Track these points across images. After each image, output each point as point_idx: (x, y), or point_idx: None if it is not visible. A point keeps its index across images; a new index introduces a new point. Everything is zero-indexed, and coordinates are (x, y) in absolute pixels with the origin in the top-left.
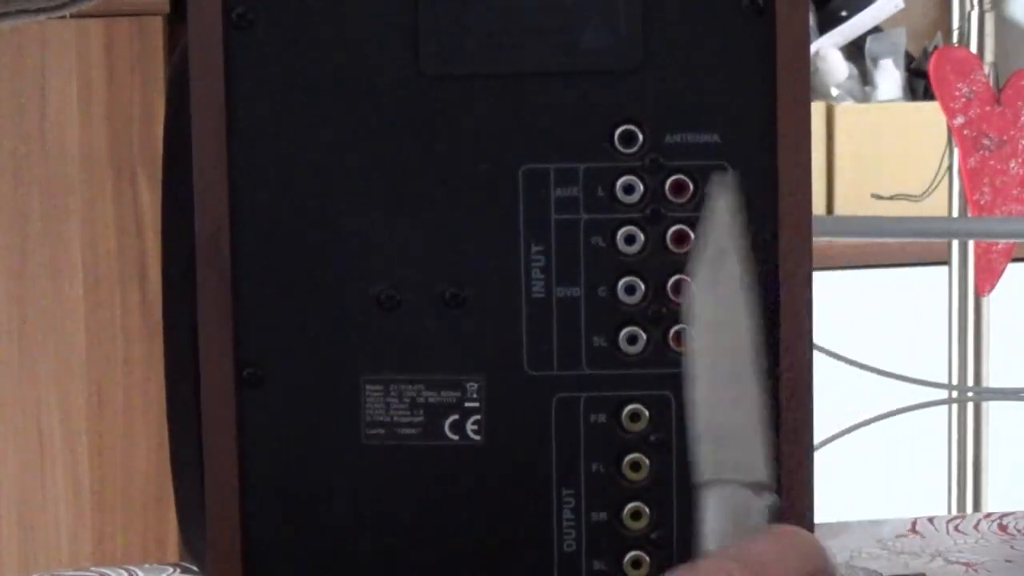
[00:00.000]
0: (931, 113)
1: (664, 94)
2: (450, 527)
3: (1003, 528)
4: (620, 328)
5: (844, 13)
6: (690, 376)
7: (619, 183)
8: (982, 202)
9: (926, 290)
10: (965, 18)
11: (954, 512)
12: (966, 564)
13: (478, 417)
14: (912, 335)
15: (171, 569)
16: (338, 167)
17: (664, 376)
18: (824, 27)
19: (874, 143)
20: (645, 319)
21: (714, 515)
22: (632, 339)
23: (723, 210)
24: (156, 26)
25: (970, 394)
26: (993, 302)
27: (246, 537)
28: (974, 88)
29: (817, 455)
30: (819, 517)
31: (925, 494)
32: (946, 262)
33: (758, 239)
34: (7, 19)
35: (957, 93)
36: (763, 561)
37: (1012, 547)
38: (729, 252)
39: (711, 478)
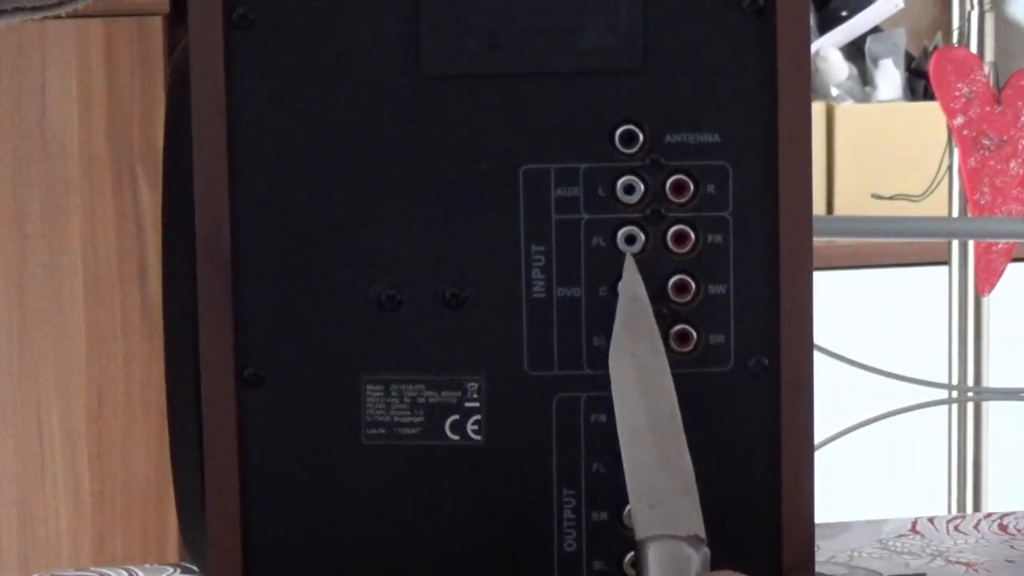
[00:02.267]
0: (931, 113)
1: (664, 94)
2: (450, 527)
3: (1003, 528)
4: None
5: (844, 13)
6: (621, 441)
7: (619, 183)
8: (982, 202)
9: (926, 290)
10: (965, 18)
11: (954, 512)
12: (966, 564)
13: (478, 417)
14: (912, 335)
15: (171, 569)
16: (338, 167)
17: None
18: (824, 27)
19: (874, 143)
20: None
21: (655, 570)
22: None
23: (632, 284)
24: (156, 26)
25: (970, 394)
26: (993, 302)
27: (246, 537)
28: (974, 88)
29: (817, 455)
30: (819, 517)
31: (925, 494)
32: (946, 262)
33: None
34: (3, 17)
35: (957, 93)
36: None
37: (1012, 547)
38: (644, 320)
39: (649, 535)
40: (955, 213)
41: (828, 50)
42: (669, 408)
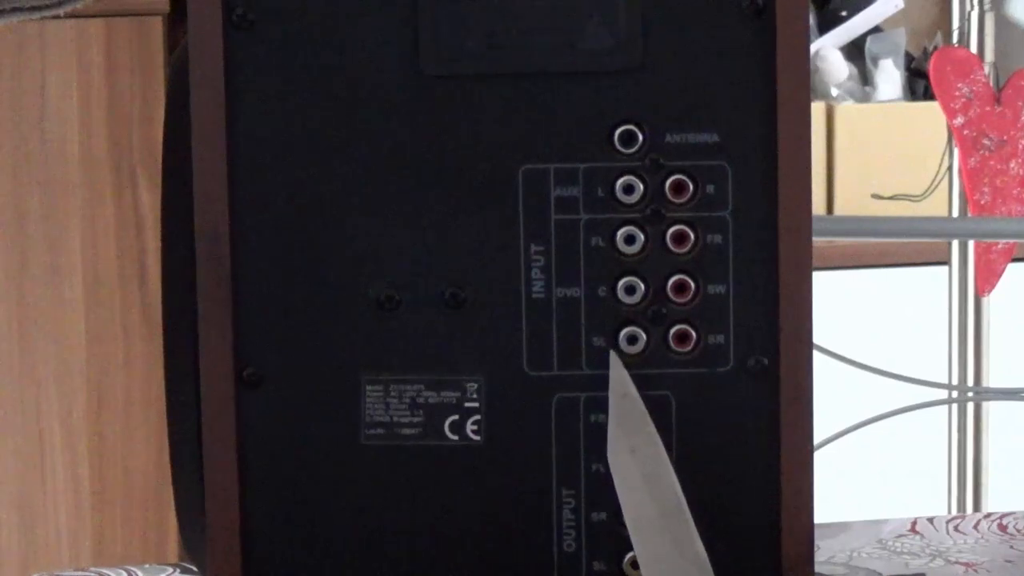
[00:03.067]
0: (931, 113)
1: (664, 94)
2: (450, 527)
3: (1003, 528)
4: (620, 328)
5: (844, 13)
6: (631, 536)
7: (619, 183)
8: (982, 202)
9: (926, 290)
10: (965, 18)
11: (954, 512)
12: (966, 564)
13: (478, 417)
14: (912, 335)
15: (171, 569)
16: (338, 167)
17: (664, 376)
18: (824, 27)
19: (874, 143)
20: (645, 319)
21: None
22: (632, 339)
23: (620, 382)
24: (156, 26)
25: (970, 394)
26: (993, 302)
27: (246, 537)
28: (974, 88)
29: (817, 455)
30: (819, 517)
31: (925, 494)
32: (946, 262)
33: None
34: (2, 17)
35: (957, 93)
36: None
37: (1012, 547)
38: (636, 414)
39: None
40: (955, 213)
41: (828, 50)
42: (675, 498)
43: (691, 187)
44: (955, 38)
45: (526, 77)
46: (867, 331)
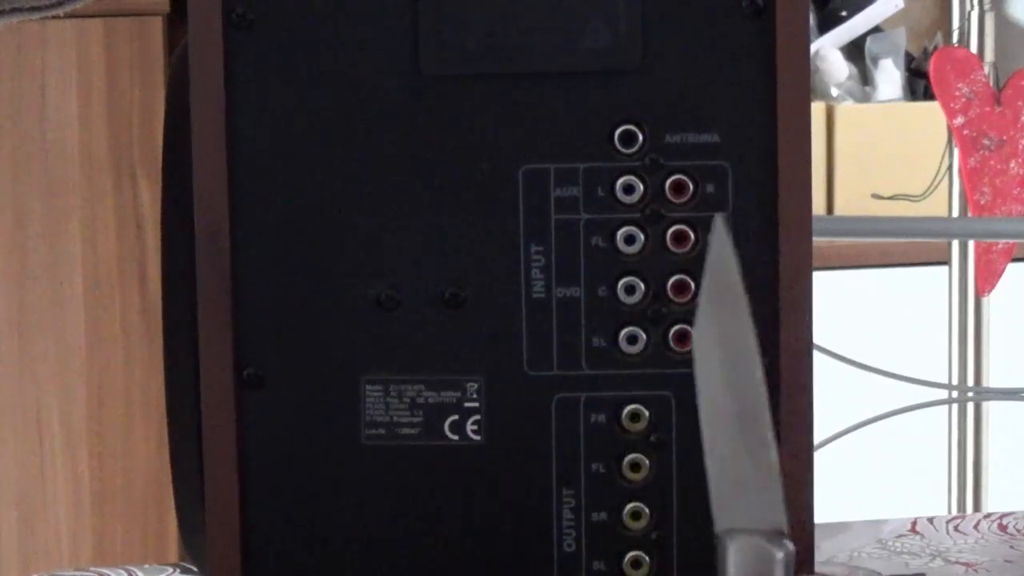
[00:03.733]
0: (931, 113)
1: (664, 94)
2: (450, 527)
3: (1003, 528)
4: (620, 328)
5: (844, 13)
6: (702, 424)
7: (619, 183)
8: (982, 202)
9: (926, 290)
10: (965, 18)
11: (954, 512)
12: (966, 564)
13: (478, 417)
14: (912, 335)
15: (171, 569)
16: (338, 167)
17: (664, 376)
18: (824, 27)
19: (874, 143)
20: (645, 319)
21: (733, 564)
22: (632, 339)
23: (722, 253)
24: (156, 26)
25: (970, 394)
26: (993, 302)
27: (246, 537)
28: (974, 88)
29: (817, 455)
30: (819, 517)
31: (925, 494)
32: (946, 262)
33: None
34: (1, 18)
35: (957, 93)
36: None
37: (1012, 547)
38: (732, 296)
39: (729, 527)
40: (955, 213)
41: (828, 50)
42: (758, 398)
43: (691, 187)
44: (955, 38)
45: (526, 77)
46: (867, 331)
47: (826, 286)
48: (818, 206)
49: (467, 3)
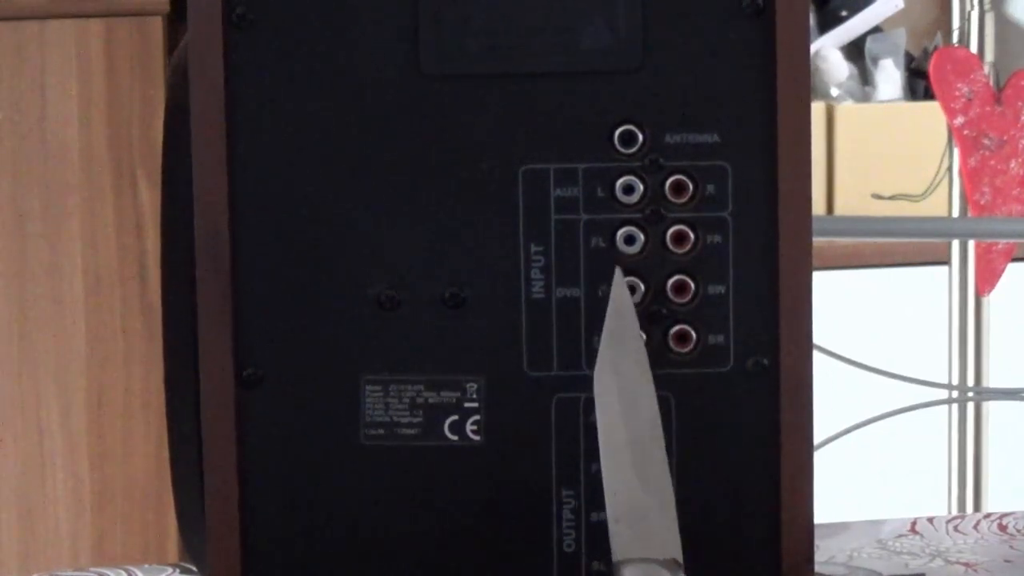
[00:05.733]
0: (931, 113)
1: (664, 94)
2: (450, 527)
3: (1003, 528)
4: None
5: (844, 13)
6: (602, 460)
7: (619, 183)
8: (982, 202)
9: (926, 290)
10: (965, 18)
11: (954, 512)
12: (966, 564)
13: (478, 417)
14: (912, 335)
15: (171, 569)
16: (338, 167)
17: (664, 376)
18: (824, 27)
19: (874, 143)
20: (645, 319)
21: None
22: None
23: (620, 299)
24: (156, 26)
25: (970, 394)
26: (993, 302)
27: (245, 537)
28: (974, 88)
29: (817, 455)
30: (819, 517)
31: (925, 494)
32: (946, 262)
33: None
34: None
35: (957, 93)
36: None
37: (1012, 547)
38: (629, 338)
39: (627, 557)
40: (955, 213)
41: (828, 50)
42: (651, 426)
43: (691, 187)
44: (955, 38)
45: (526, 77)
46: (867, 331)
47: (826, 286)
48: (818, 206)
49: (467, 3)
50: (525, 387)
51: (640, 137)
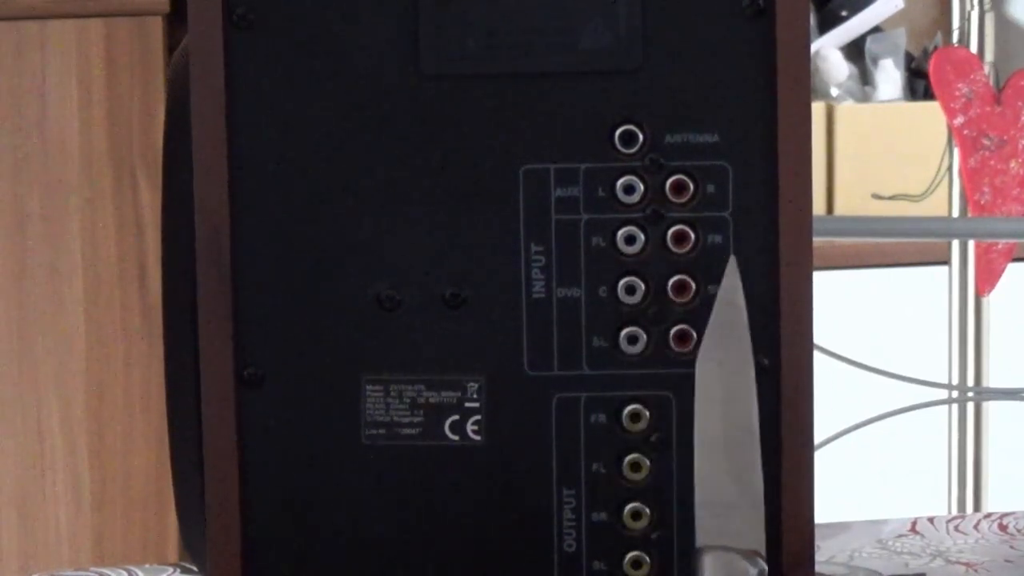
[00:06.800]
0: (931, 113)
1: (664, 94)
2: (450, 527)
3: (1003, 528)
4: (620, 328)
5: (844, 13)
6: (695, 447)
7: (619, 183)
8: (982, 202)
9: (926, 290)
10: (965, 18)
11: (954, 512)
12: (966, 564)
13: (478, 417)
14: (912, 335)
15: (171, 569)
16: (338, 167)
17: (664, 376)
18: (824, 27)
19: (874, 143)
20: (645, 319)
21: (708, 575)
22: (632, 339)
23: (732, 292)
24: (156, 26)
25: (970, 394)
26: (993, 302)
27: (246, 537)
28: (974, 88)
29: (817, 455)
30: (819, 517)
31: (925, 494)
32: (946, 262)
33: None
34: None
35: (957, 93)
36: None
37: (1012, 547)
38: (735, 331)
39: (709, 543)
40: (955, 213)
41: (828, 50)
42: (747, 423)
43: (691, 187)
44: (955, 38)
45: (526, 77)
46: (867, 331)
47: (826, 286)
48: (818, 206)
49: (467, 3)
50: (525, 387)
51: (640, 137)
